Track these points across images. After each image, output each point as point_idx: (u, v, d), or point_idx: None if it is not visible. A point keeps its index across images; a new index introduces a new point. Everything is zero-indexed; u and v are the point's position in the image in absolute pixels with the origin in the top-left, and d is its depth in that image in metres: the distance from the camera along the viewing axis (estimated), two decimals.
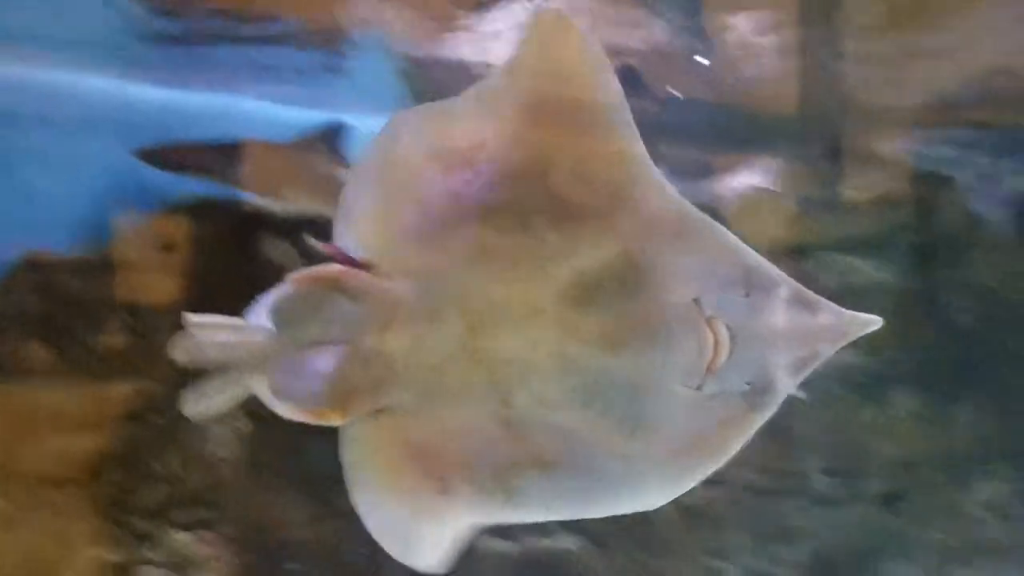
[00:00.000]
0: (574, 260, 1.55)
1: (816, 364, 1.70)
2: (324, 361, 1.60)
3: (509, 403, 1.61)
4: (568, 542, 5.45)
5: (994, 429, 5.31)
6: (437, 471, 1.65)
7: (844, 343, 1.70)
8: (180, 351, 1.64)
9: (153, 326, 4.17)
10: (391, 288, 1.60)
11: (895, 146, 5.46)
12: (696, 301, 1.57)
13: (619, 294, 1.54)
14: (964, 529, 5.35)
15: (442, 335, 1.59)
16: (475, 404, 1.62)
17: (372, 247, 1.63)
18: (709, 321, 1.58)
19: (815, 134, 5.40)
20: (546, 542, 5.28)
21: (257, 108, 4.04)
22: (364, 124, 4.13)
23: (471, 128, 1.51)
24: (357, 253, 1.63)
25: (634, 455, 1.61)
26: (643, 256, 1.54)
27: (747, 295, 1.61)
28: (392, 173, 1.56)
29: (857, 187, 5.51)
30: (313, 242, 1.74)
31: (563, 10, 1.46)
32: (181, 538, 4.07)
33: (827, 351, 1.70)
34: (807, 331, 1.65)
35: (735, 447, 1.68)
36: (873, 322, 1.72)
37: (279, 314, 1.64)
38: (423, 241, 1.59)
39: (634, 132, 1.53)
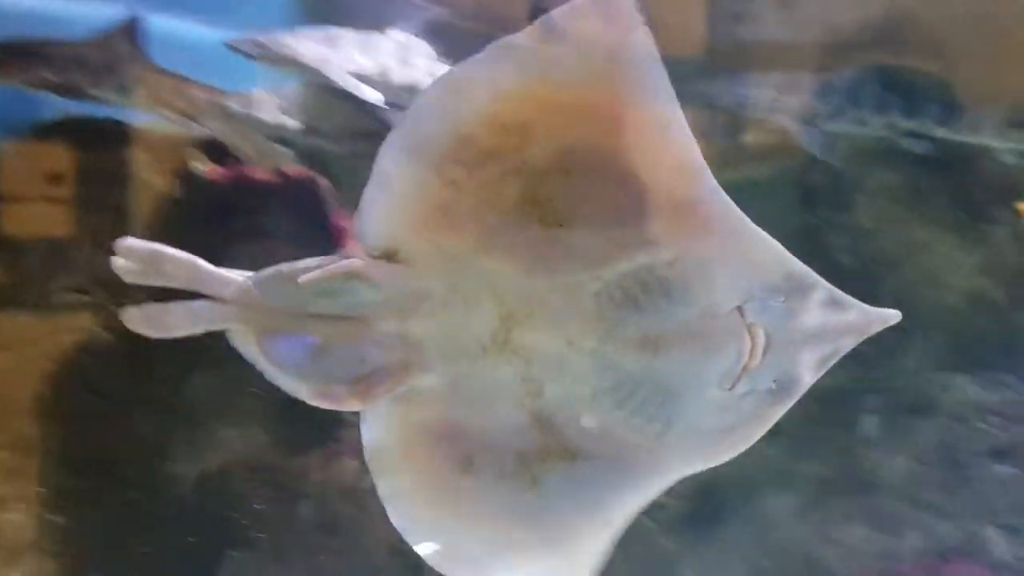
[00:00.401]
0: (621, 262, 1.51)
1: (837, 358, 1.77)
2: (339, 345, 1.56)
3: (540, 394, 1.60)
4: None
5: (870, 365, 5.49)
6: (461, 453, 1.63)
7: (865, 337, 1.79)
8: (135, 274, 1.59)
9: (39, 257, 4.13)
10: (416, 276, 1.52)
11: (785, 93, 5.66)
12: (739, 308, 1.58)
13: (664, 299, 1.53)
14: (842, 461, 5.51)
15: (474, 324, 1.55)
16: (505, 393, 1.60)
17: (404, 228, 1.50)
18: (749, 327, 1.59)
19: (715, 80, 5.56)
20: None
21: (46, 4, 3.93)
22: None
23: (518, 108, 1.40)
24: (386, 234, 1.50)
25: (661, 449, 1.63)
26: (691, 262, 1.53)
27: (784, 300, 1.62)
28: (433, 150, 1.42)
29: (751, 133, 5.70)
30: (198, 168, 1.70)
31: None
32: None
33: (848, 345, 1.79)
34: (836, 330, 1.75)
35: (756, 438, 1.73)
36: (893, 316, 1.82)
37: (273, 290, 1.58)
38: (460, 227, 1.49)
39: (690, 136, 1.46)
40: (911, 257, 5.52)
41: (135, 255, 1.56)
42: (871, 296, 6.03)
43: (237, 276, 1.59)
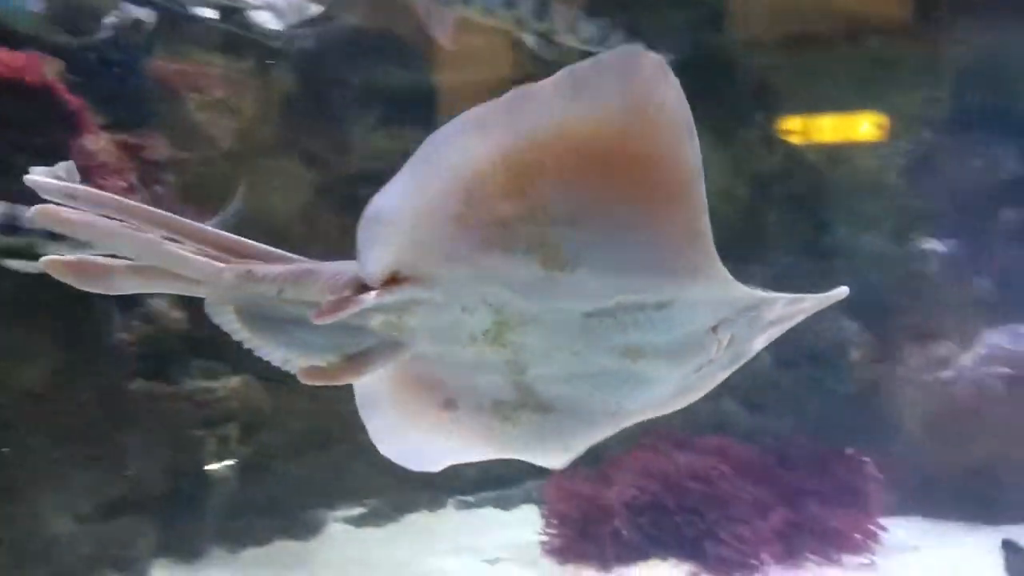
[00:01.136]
0: (615, 301, 1.55)
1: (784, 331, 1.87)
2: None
3: (523, 373, 1.68)
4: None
5: None
6: (444, 396, 1.75)
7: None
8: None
9: None
10: (417, 291, 1.56)
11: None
12: (714, 328, 1.64)
13: (649, 327, 1.59)
14: None
15: (468, 323, 1.61)
16: (489, 368, 1.68)
17: (408, 256, 1.53)
18: (719, 339, 1.67)
19: None
20: None
21: None
22: None
23: (533, 156, 1.37)
24: (390, 263, 1.54)
25: (624, 410, 1.75)
26: (679, 304, 1.57)
27: (751, 315, 1.71)
28: (443, 188, 1.42)
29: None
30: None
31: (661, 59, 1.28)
32: None
33: (796, 321, 1.87)
34: (788, 319, 1.84)
35: (704, 393, 1.84)
36: (841, 293, 1.89)
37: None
38: (463, 259, 1.50)
39: (702, 195, 1.42)
40: None
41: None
42: None
43: (211, 263, 1.69)
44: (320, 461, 5.60)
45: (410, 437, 1.83)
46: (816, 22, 5.78)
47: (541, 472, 5.16)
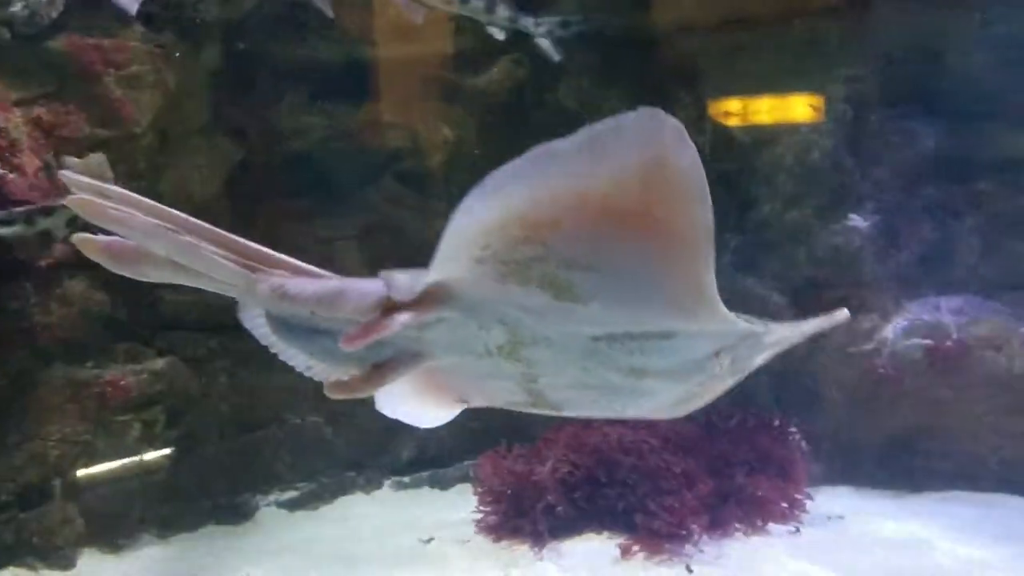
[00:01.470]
0: (625, 328, 1.65)
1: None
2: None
3: (534, 381, 1.80)
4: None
5: None
6: (458, 392, 1.93)
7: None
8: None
9: None
10: (439, 311, 1.69)
11: None
12: (717, 353, 1.73)
13: (655, 354, 1.70)
14: None
15: (484, 339, 1.73)
16: (503, 376, 1.81)
17: (433, 287, 1.67)
18: (721, 363, 1.76)
19: None
20: None
21: None
22: None
23: (553, 209, 1.47)
24: (415, 292, 1.68)
25: (626, 414, 1.92)
26: (682, 337, 1.67)
27: (751, 342, 1.80)
28: (466, 235, 1.56)
29: None
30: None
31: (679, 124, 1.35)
32: None
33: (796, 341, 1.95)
34: (788, 340, 1.92)
35: (706, 402, 1.93)
36: (842, 316, 1.98)
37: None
38: (482, 288, 1.62)
39: (711, 250, 1.48)
40: None
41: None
42: None
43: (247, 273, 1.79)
44: (251, 444, 5.51)
45: (423, 414, 2.04)
46: (743, 3, 5.86)
47: (477, 450, 5.20)
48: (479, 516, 4.86)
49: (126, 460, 5.05)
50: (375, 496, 5.65)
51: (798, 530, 4.89)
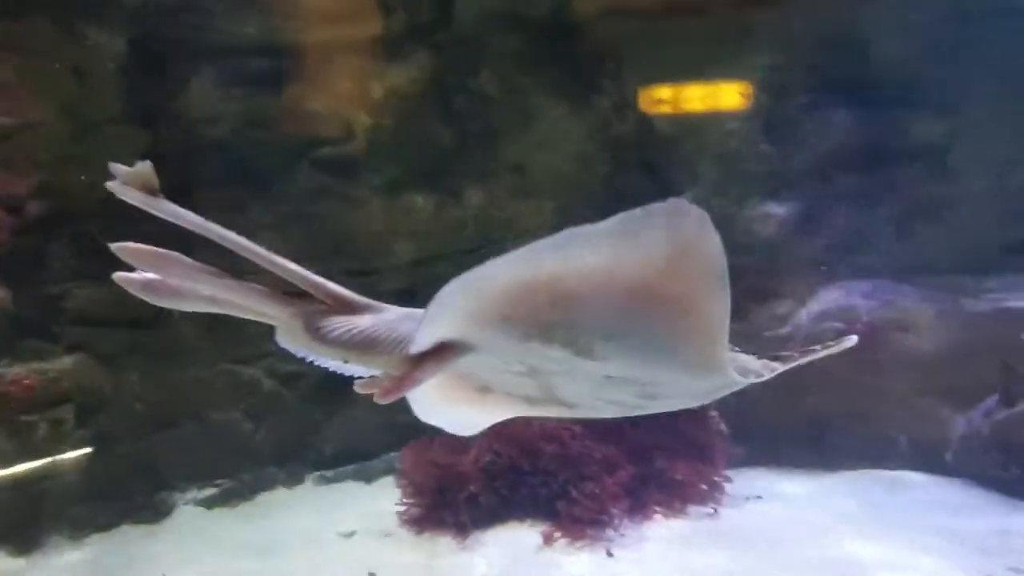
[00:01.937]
0: (640, 378, 1.80)
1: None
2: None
3: (551, 391, 1.92)
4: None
5: (492, 229, 5.85)
6: (479, 385, 2.01)
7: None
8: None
9: None
10: (464, 351, 1.79)
11: None
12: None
13: (665, 387, 1.82)
14: None
15: (508, 368, 1.85)
16: (523, 386, 1.92)
17: (460, 337, 1.77)
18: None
19: None
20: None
21: None
22: None
23: (582, 282, 1.57)
24: (451, 331, 1.77)
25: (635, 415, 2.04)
26: (684, 384, 1.83)
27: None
28: (497, 296, 1.64)
29: None
30: None
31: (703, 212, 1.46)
32: None
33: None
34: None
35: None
36: (850, 341, 2.03)
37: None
38: (507, 337, 1.71)
39: (725, 325, 1.59)
40: (530, 123, 5.86)
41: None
42: (493, 160, 6.30)
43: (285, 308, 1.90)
44: (166, 442, 5.36)
45: (447, 409, 2.10)
46: None
47: (403, 443, 5.15)
48: (402, 509, 4.82)
49: (35, 461, 4.86)
50: (297, 491, 5.56)
51: (716, 511, 4.98)
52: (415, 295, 5.73)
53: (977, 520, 4.94)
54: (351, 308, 1.90)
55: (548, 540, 4.54)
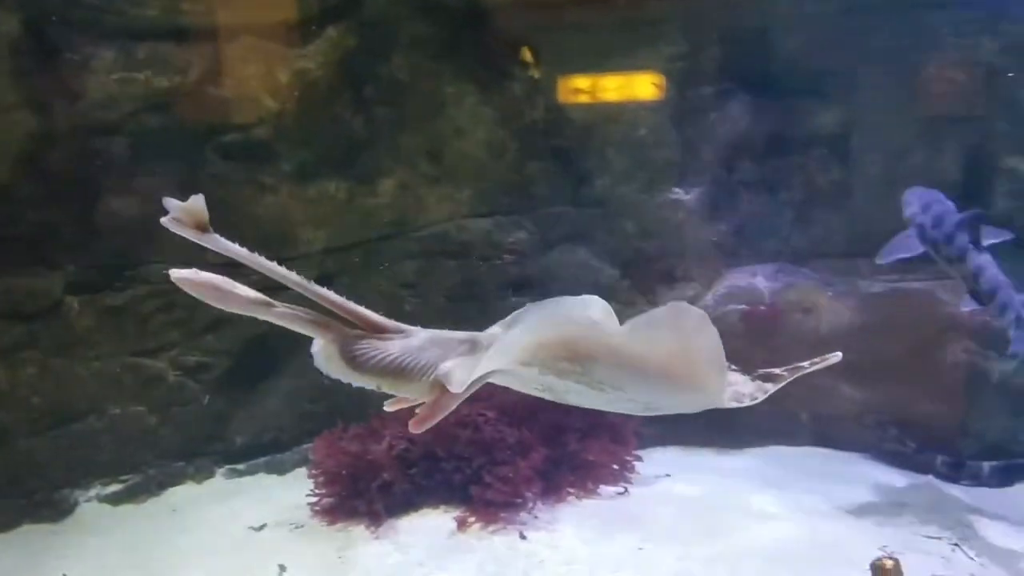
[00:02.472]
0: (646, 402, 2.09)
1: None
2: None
3: (560, 395, 2.13)
4: None
5: (407, 214, 5.81)
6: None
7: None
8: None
9: None
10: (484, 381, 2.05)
11: None
12: None
13: (668, 408, 2.12)
14: (387, 305, 5.82)
15: (520, 383, 2.13)
16: (539, 391, 2.14)
17: (496, 365, 2.00)
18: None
19: None
20: None
21: None
22: None
23: (596, 351, 1.91)
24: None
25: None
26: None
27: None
28: (517, 352, 1.97)
29: None
30: None
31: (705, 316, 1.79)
32: None
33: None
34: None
35: None
36: (835, 357, 2.15)
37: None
38: (525, 373, 2.02)
39: (722, 392, 1.96)
40: (442, 109, 5.83)
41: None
42: (406, 147, 6.25)
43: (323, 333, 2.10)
44: (67, 437, 5.17)
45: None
46: None
47: (317, 433, 5.09)
48: (314, 500, 4.78)
49: None
50: (207, 486, 5.44)
51: (626, 490, 5.11)
52: (329, 283, 5.66)
53: (874, 493, 5.20)
54: (382, 333, 2.10)
55: (462, 525, 4.58)
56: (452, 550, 4.38)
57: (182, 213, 1.94)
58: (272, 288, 2.12)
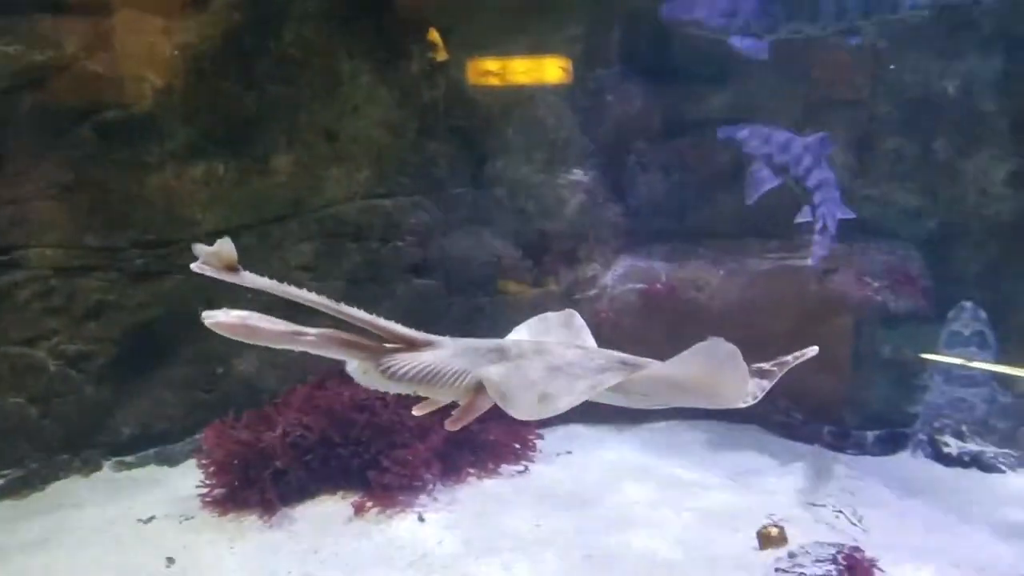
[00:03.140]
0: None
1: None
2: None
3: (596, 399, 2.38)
4: None
5: (303, 194, 5.66)
6: None
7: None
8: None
9: None
10: None
11: None
12: None
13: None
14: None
15: None
16: None
17: None
18: None
19: None
20: None
21: None
22: None
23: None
24: None
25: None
26: None
27: None
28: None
29: None
30: None
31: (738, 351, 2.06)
32: None
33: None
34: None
35: None
36: (811, 352, 2.46)
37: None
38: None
39: (742, 399, 2.35)
40: (338, 88, 5.70)
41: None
42: (300, 126, 6.05)
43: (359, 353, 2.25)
44: None
45: None
46: None
47: (209, 422, 4.93)
48: (205, 490, 4.63)
49: None
50: (94, 479, 5.20)
51: (527, 468, 5.15)
52: None
53: (764, 463, 5.39)
54: (414, 346, 2.28)
55: (359, 510, 4.52)
56: (348, 536, 4.32)
57: (211, 257, 2.00)
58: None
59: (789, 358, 2.47)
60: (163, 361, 5.47)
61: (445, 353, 2.31)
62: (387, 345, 2.25)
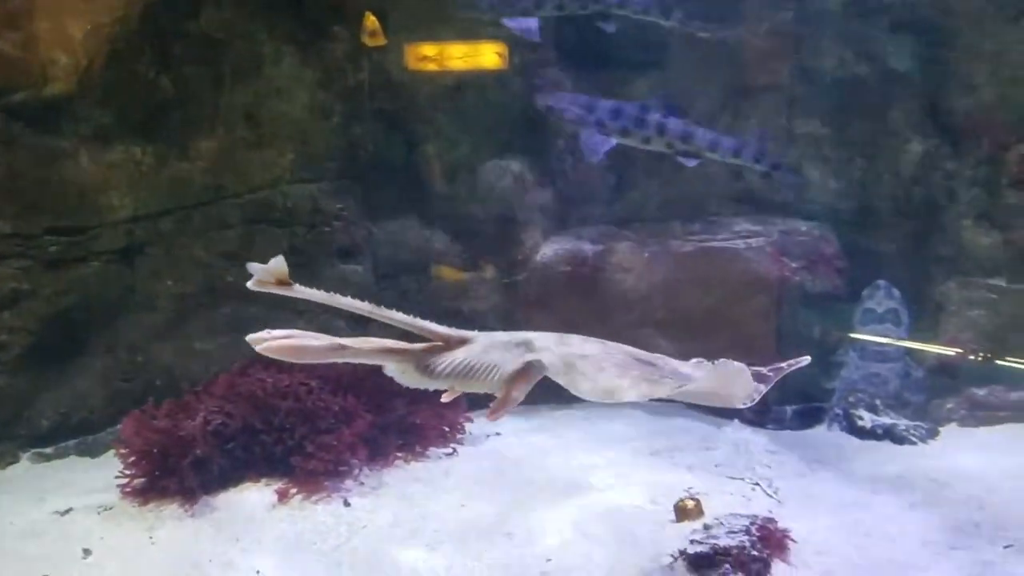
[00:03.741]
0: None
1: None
2: None
3: None
4: None
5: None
6: None
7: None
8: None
9: None
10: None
11: None
12: None
13: None
14: (204, 276, 5.59)
15: None
16: None
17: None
18: None
19: None
20: None
21: None
22: None
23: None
24: None
25: None
26: None
27: None
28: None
29: None
30: None
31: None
32: None
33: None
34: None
35: None
36: (804, 361, 2.87)
37: None
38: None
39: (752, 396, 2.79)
40: (260, 69, 5.61)
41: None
42: (221, 109, 5.93)
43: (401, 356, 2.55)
44: None
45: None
46: None
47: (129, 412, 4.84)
48: (124, 480, 4.55)
49: None
50: (10, 472, 5.07)
51: (454, 451, 5.17)
52: (139, 253, 5.37)
53: (684, 438, 5.51)
54: (449, 343, 2.48)
55: (283, 497, 4.49)
56: (271, 523, 4.29)
57: (265, 275, 2.14)
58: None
59: (784, 365, 2.84)
60: (82, 350, 5.35)
61: (477, 348, 2.52)
62: (420, 345, 2.48)
